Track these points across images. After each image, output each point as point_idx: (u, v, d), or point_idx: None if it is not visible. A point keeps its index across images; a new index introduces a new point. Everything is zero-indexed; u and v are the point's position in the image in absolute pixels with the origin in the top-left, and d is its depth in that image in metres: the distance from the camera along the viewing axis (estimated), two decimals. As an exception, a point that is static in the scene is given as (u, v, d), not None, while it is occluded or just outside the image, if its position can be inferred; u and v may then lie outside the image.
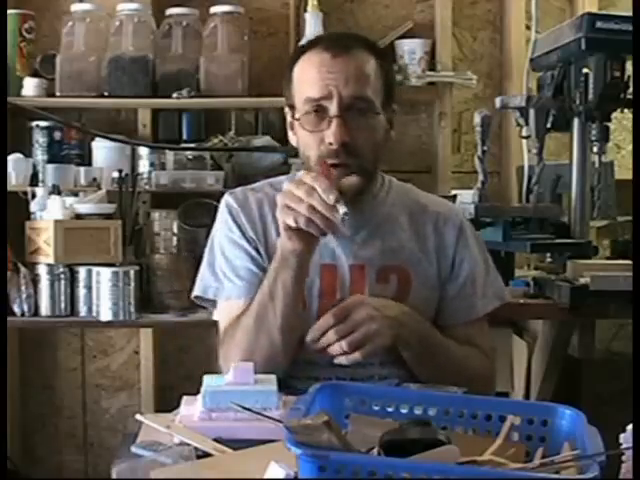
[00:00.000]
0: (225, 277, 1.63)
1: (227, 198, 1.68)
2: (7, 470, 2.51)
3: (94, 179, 2.59)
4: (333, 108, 1.50)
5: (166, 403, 2.51)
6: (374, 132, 1.56)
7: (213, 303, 1.68)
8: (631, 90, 2.29)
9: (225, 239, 1.64)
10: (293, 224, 1.40)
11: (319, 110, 1.52)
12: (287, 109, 1.63)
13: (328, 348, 1.46)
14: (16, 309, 2.39)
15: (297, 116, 1.56)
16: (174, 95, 2.65)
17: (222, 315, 1.64)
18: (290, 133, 1.64)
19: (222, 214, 1.67)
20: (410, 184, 1.76)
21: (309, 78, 1.54)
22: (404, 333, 1.52)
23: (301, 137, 1.57)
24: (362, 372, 1.57)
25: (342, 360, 1.46)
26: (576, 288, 2.12)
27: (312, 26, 2.69)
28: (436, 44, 2.86)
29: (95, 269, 2.41)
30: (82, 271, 2.42)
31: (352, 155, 1.52)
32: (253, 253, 1.62)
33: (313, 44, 1.59)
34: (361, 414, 1.16)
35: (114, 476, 1.17)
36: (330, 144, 1.51)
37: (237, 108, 2.82)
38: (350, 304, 1.49)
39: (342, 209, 1.37)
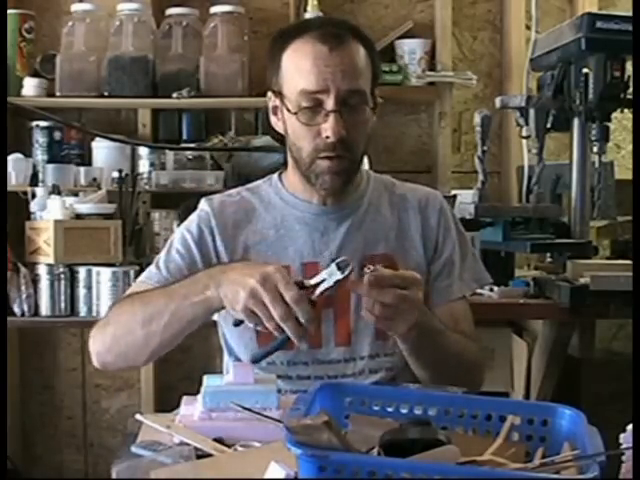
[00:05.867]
0: (156, 264, 1.62)
1: (202, 203, 1.68)
2: (7, 470, 2.51)
3: (94, 179, 2.59)
4: (330, 103, 1.51)
5: (166, 403, 2.51)
6: (366, 125, 1.58)
7: None
8: (631, 90, 2.29)
9: (180, 236, 1.64)
10: (257, 327, 1.36)
11: (315, 103, 1.52)
12: (270, 94, 1.61)
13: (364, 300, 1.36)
14: (16, 309, 2.39)
15: (292, 110, 1.55)
16: (174, 95, 2.65)
17: (132, 287, 1.64)
18: (273, 118, 1.63)
19: (192, 216, 1.67)
20: (387, 175, 1.77)
21: (304, 70, 1.53)
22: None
23: (294, 128, 1.57)
24: (352, 367, 1.59)
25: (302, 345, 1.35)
26: (576, 288, 2.12)
27: (312, 26, 2.69)
28: (436, 44, 2.85)
29: (95, 269, 2.42)
30: (82, 271, 2.43)
31: (346, 148, 1.54)
32: (196, 258, 1.60)
33: (302, 31, 1.56)
34: (361, 414, 1.16)
35: (114, 476, 1.17)
36: (327, 137, 1.52)
37: (237, 108, 2.82)
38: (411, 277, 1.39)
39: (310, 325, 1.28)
